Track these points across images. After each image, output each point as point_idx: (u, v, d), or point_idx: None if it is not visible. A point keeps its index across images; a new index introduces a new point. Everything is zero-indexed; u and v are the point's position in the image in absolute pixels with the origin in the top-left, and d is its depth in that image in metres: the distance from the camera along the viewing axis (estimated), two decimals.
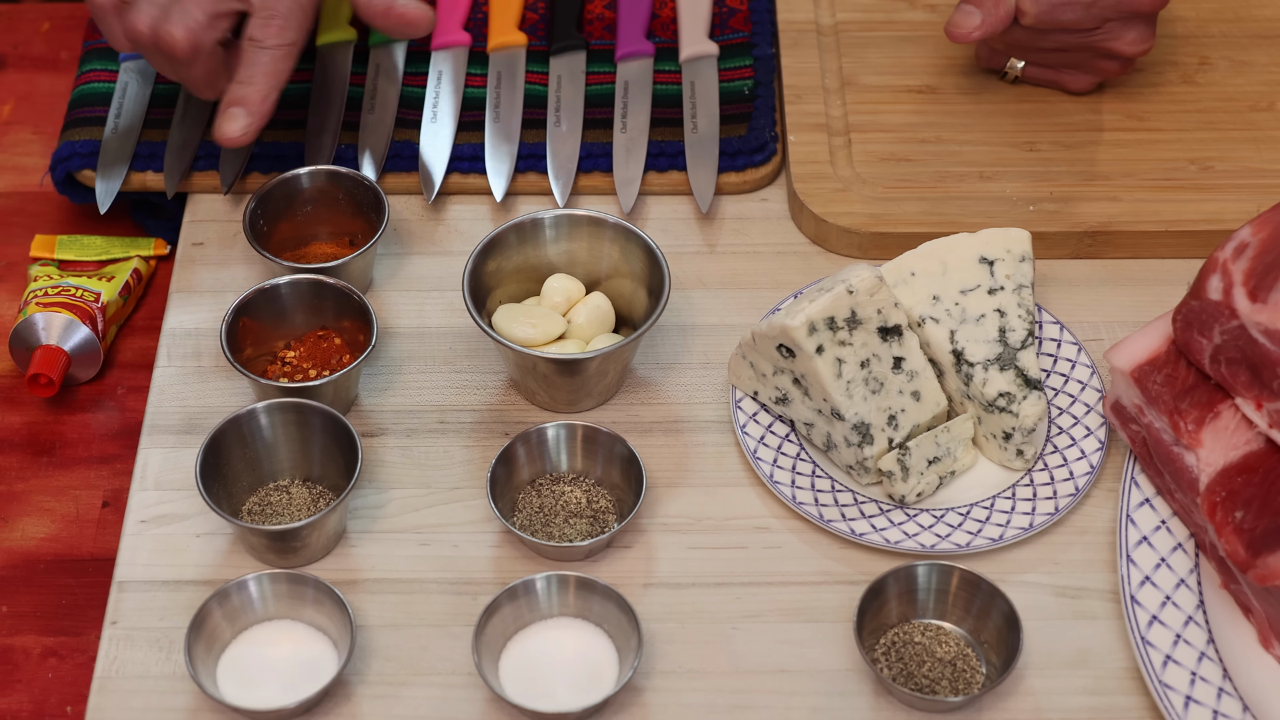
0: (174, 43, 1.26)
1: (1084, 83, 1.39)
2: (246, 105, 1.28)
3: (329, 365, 1.25)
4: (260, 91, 1.28)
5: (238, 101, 1.28)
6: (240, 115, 1.28)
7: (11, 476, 1.27)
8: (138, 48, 1.29)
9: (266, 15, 1.28)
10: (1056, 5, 1.32)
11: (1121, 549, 1.17)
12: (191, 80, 1.30)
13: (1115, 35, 1.34)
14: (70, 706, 1.17)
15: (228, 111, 1.28)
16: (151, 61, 1.31)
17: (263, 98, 1.28)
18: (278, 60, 1.29)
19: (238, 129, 1.28)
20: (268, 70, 1.28)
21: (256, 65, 1.28)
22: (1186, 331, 1.17)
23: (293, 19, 1.29)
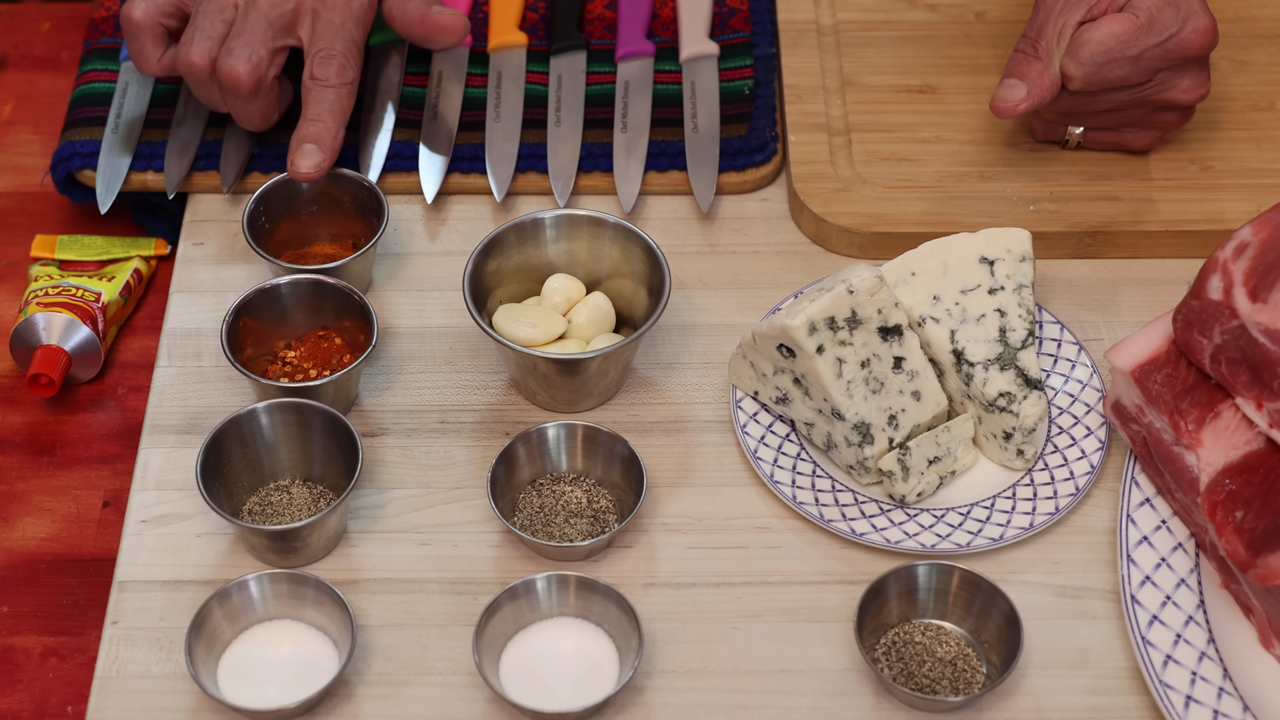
0: (238, 78, 1.31)
1: (1147, 140, 1.35)
2: (320, 142, 1.32)
3: (329, 365, 1.25)
4: (331, 129, 1.32)
5: (312, 139, 1.32)
6: (315, 152, 1.31)
7: (12, 476, 1.27)
8: (189, 79, 1.33)
9: (326, 55, 1.33)
10: (1103, 64, 1.27)
11: (1122, 549, 1.17)
12: (248, 113, 1.34)
13: (1169, 85, 1.30)
14: (71, 706, 1.17)
15: (302, 148, 1.32)
16: (199, 93, 1.34)
17: (334, 135, 1.32)
18: (342, 98, 1.33)
19: (313, 165, 1.31)
20: (334, 108, 1.33)
21: (324, 103, 1.33)
22: (1187, 331, 1.17)
23: (351, 57, 1.34)
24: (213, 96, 1.34)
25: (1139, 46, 1.27)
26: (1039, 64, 1.28)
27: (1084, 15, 1.28)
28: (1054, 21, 1.28)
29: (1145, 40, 1.27)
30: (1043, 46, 1.28)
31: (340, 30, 1.33)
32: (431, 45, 1.40)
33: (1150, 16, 1.27)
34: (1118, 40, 1.27)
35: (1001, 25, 1.46)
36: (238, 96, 1.32)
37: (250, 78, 1.31)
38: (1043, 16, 1.29)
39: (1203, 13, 1.28)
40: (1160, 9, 1.27)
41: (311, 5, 1.33)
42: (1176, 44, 1.27)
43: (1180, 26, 1.27)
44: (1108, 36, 1.27)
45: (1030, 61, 1.28)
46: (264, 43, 1.32)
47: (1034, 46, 1.29)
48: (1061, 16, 1.28)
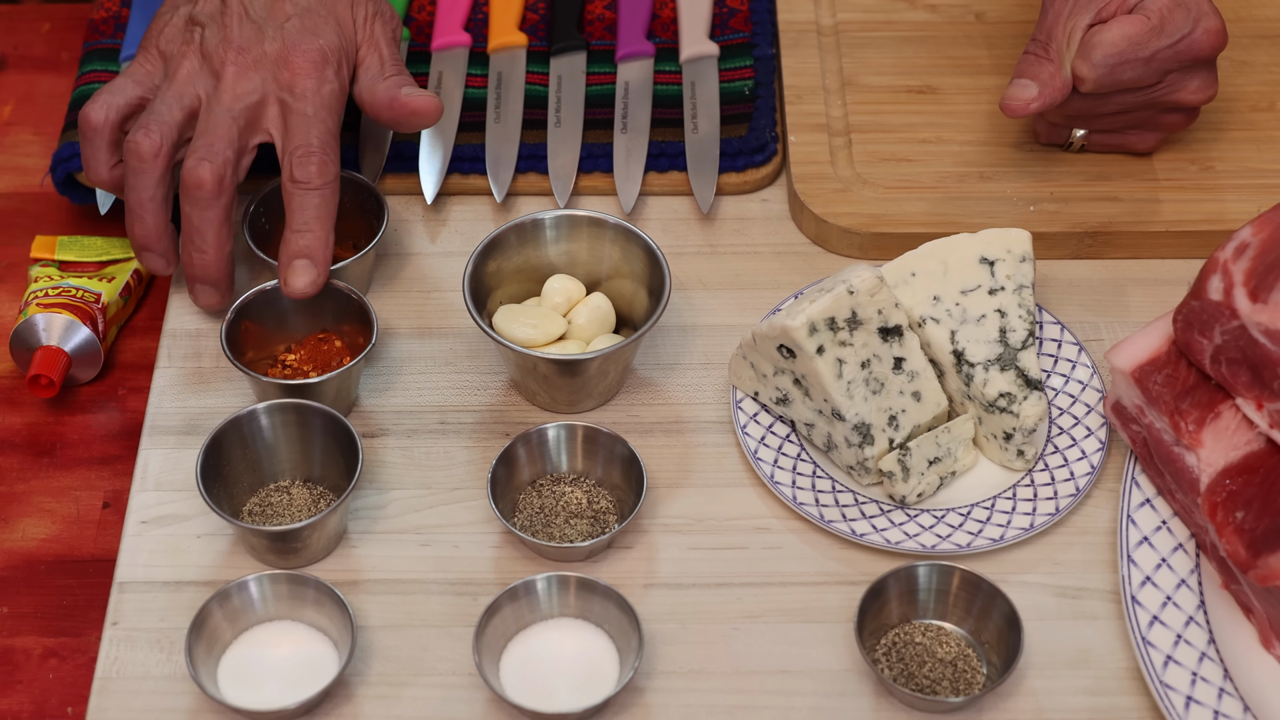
0: (201, 182, 1.23)
1: (1151, 141, 1.35)
2: (313, 256, 1.24)
3: (329, 368, 1.25)
4: (321, 238, 1.24)
5: (302, 253, 1.24)
6: (309, 268, 1.24)
7: (12, 477, 1.27)
8: (134, 167, 1.23)
9: (304, 154, 1.25)
10: (1115, 66, 1.27)
11: (1122, 549, 1.17)
12: (201, 220, 1.24)
13: (1178, 87, 1.30)
14: (71, 707, 1.17)
15: (294, 265, 1.23)
16: (137, 184, 1.24)
17: (325, 243, 1.24)
18: (327, 200, 1.25)
19: (308, 282, 1.23)
20: (321, 213, 1.25)
21: (309, 210, 1.24)
22: (1187, 332, 1.17)
23: (329, 151, 1.25)
24: (156, 192, 1.24)
25: (1151, 48, 1.27)
26: (1050, 65, 1.28)
27: (1094, 17, 1.28)
28: (1064, 24, 1.28)
29: (1157, 42, 1.27)
30: (1053, 48, 1.28)
31: (314, 122, 1.25)
32: (403, 129, 1.31)
33: (1161, 18, 1.27)
34: (1130, 42, 1.27)
35: (1001, 25, 1.46)
36: (196, 203, 1.23)
37: (214, 181, 1.23)
38: (1052, 19, 1.29)
39: (1213, 14, 1.28)
40: (1171, 10, 1.27)
41: (278, 96, 1.26)
42: (1188, 45, 1.27)
43: (1191, 28, 1.27)
44: (1120, 38, 1.27)
45: (1041, 63, 1.28)
46: (230, 143, 1.24)
47: (1044, 48, 1.28)
48: (1071, 19, 1.28)
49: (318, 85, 1.26)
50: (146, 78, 1.27)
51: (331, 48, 1.27)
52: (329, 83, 1.26)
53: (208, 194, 1.23)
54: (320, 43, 1.26)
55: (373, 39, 1.30)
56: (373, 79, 1.29)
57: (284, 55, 1.26)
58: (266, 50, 1.26)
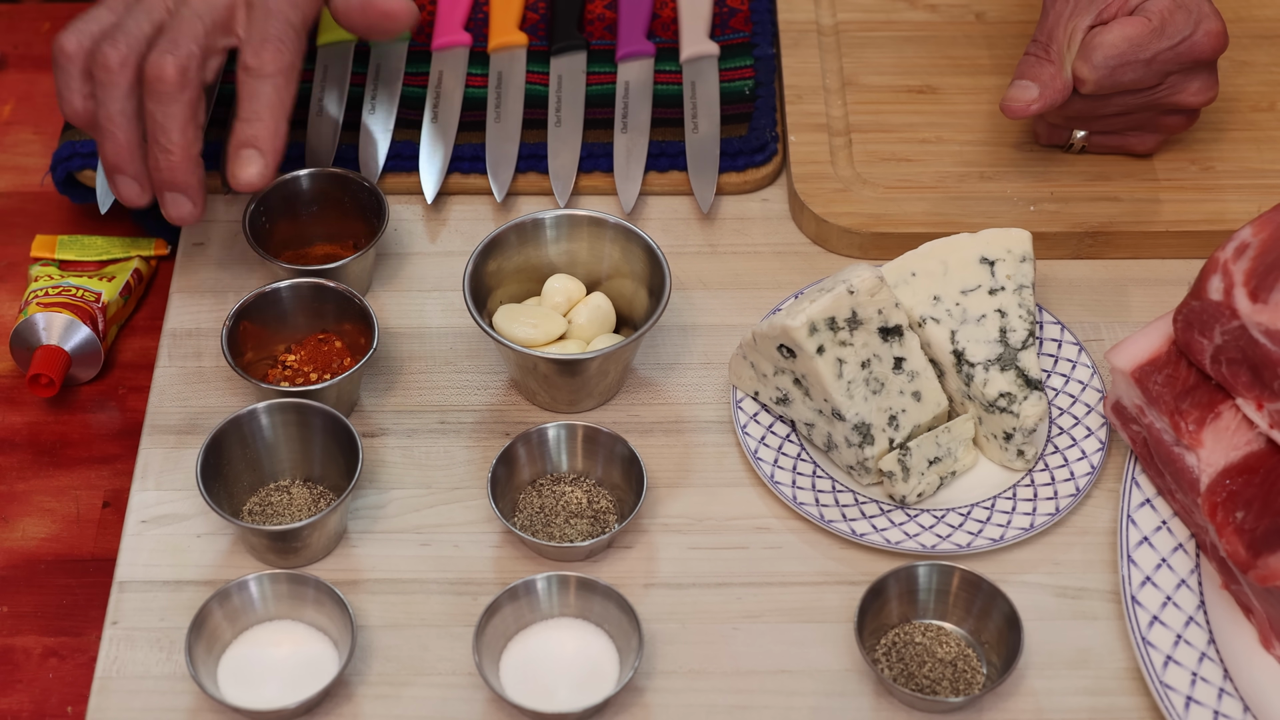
0: (163, 74, 1.17)
1: (1152, 143, 1.35)
2: (259, 144, 1.19)
3: (330, 368, 1.25)
4: (270, 127, 1.19)
5: (249, 142, 1.19)
6: (255, 157, 1.19)
7: (12, 476, 1.27)
8: (102, 81, 1.18)
9: (259, 40, 1.20)
10: (1116, 68, 1.27)
11: (1122, 549, 1.17)
12: (166, 119, 1.18)
13: (1179, 88, 1.30)
14: (71, 707, 1.17)
15: (240, 154, 1.19)
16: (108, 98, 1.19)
17: (273, 132, 1.20)
18: (280, 89, 1.20)
19: (254, 172, 1.19)
20: (271, 101, 1.19)
21: (260, 98, 1.19)
22: (1187, 332, 1.17)
23: (287, 40, 1.20)
24: (125, 105, 1.19)
25: (1152, 50, 1.27)
26: (1051, 66, 1.28)
27: (1094, 19, 1.28)
28: (1064, 25, 1.28)
29: (1158, 43, 1.27)
30: (1054, 49, 1.28)
31: (274, 14, 1.21)
32: (376, 36, 1.27)
33: (1162, 20, 1.27)
34: (1130, 43, 1.26)
35: (1001, 25, 1.46)
36: (159, 98, 1.17)
37: (176, 73, 1.17)
38: (1052, 20, 1.29)
39: (1213, 16, 1.28)
40: (1172, 12, 1.27)
41: (246, 1, 1.22)
42: (1189, 47, 1.27)
43: (1192, 30, 1.27)
44: (1120, 40, 1.26)
45: (1042, 64, 1.28)
46: (195, 39, 1.18)
47: (1045, 50, 1.28)
48: (1072, 20, 1.28)
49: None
50: (120, 3, 1.22)
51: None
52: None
53: (170, 87, 1.17)
54: None
55: None
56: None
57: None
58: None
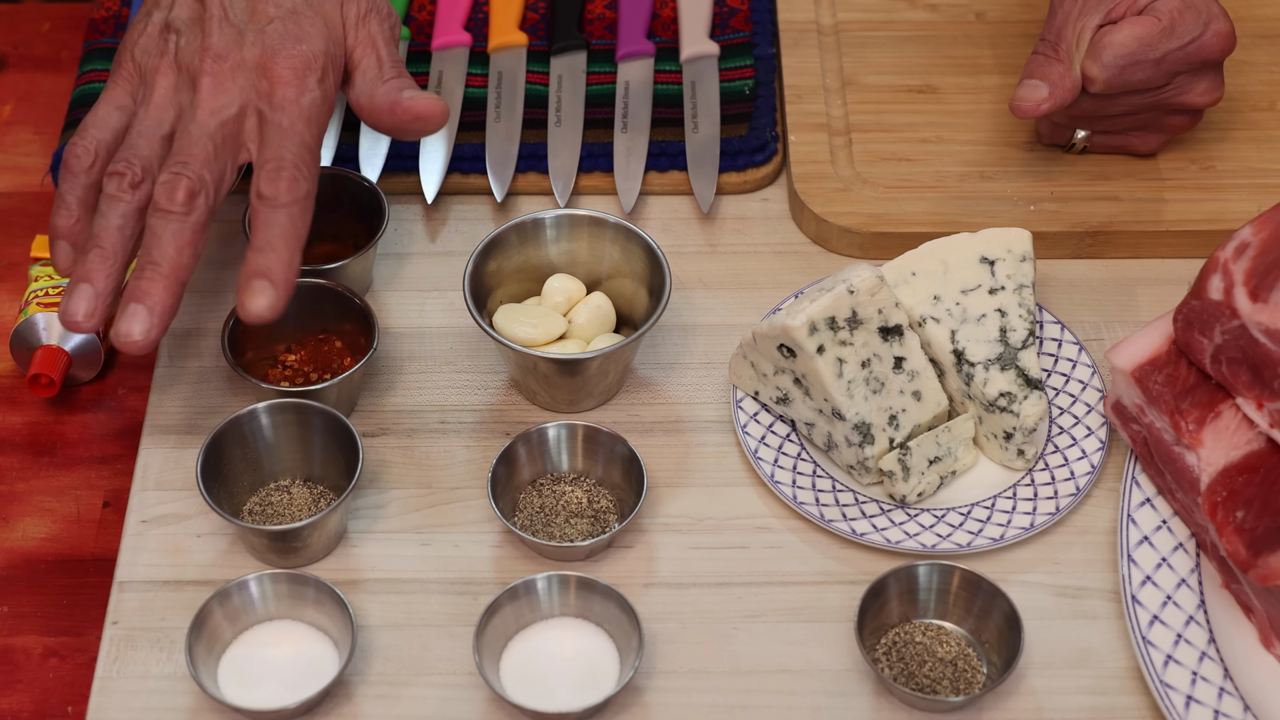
0: (172, 196, 1.14)
1: (1154, 143, 1.35)
2: (271, 276, 1.14)
3: (330, 369, 1.25)
4: (284, 259, 1.14)
5: (261, 273, 1.14)
6: (266, 289, 1.14)
7: (12, 476, 1.27)
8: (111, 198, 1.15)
9: (274, 168, 1.16)
10: (1125, 67, 1.26)
11: (1122, 549, 1.17)
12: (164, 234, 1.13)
13: (1185, 89, 1.30)
14: (71, 707, 1.17)
15: (251, 285, 1.14)
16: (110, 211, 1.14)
17: (286, 264, 1.14)
18: (295, 219, 1.15)
19: (264, 304, 1.14)
20: (286, 232, 1.15)
21: (273, 228, 1.15)
22: (1187, 331, 1.17)
23: (303, 166, 1.16)
24: (126, 223, 1.15)
25: (1161, 49, 1.27)
26: (1060, 65, 1.28)
27: (1104, 18, 1.28)
28: (1073, 24, 1.28)
29: (1167, 43, 1.27)
30: (1063, 49, 1.28)
31: (289, 134, 1.16)
32: (406, 137, 1.23)
33: (1172, 19, 1.27)
34: (1140, 43, 1.26)
35: (1002, 25, 1.46)
36: (165, 217, 1.14)
37: (186, 197, 1.14)
38: (1060, 19, 1.29)
39: (1222, 16, 1.28)
40: (1182, 12, 1.27)
41: (257, 106, 1.17)
42: (1197, 48, 1.27)
43: (1201, 30, 1.27)
44: (1130, 39, 1.26)
45: (1051, 63, 1.28)
46: (206, 162, 1.15)
47: (1054, 49, 1.28)
48: (1080, 19, 1.28)
49: (297, 95, 1.17)
50: (127, 98, 1.20)
51: (316, 53, 1.19)
52: (310, 92, 1.18)
53: (179, 209, 1.14)
54: (304, 48, 1.18)
55: (369, 39, 1.23)
56: (370, 82, 1.22)
57: (264, 62, 1.18)
58: (245, 56, 1.18)
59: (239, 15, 1.19)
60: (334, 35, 1.21)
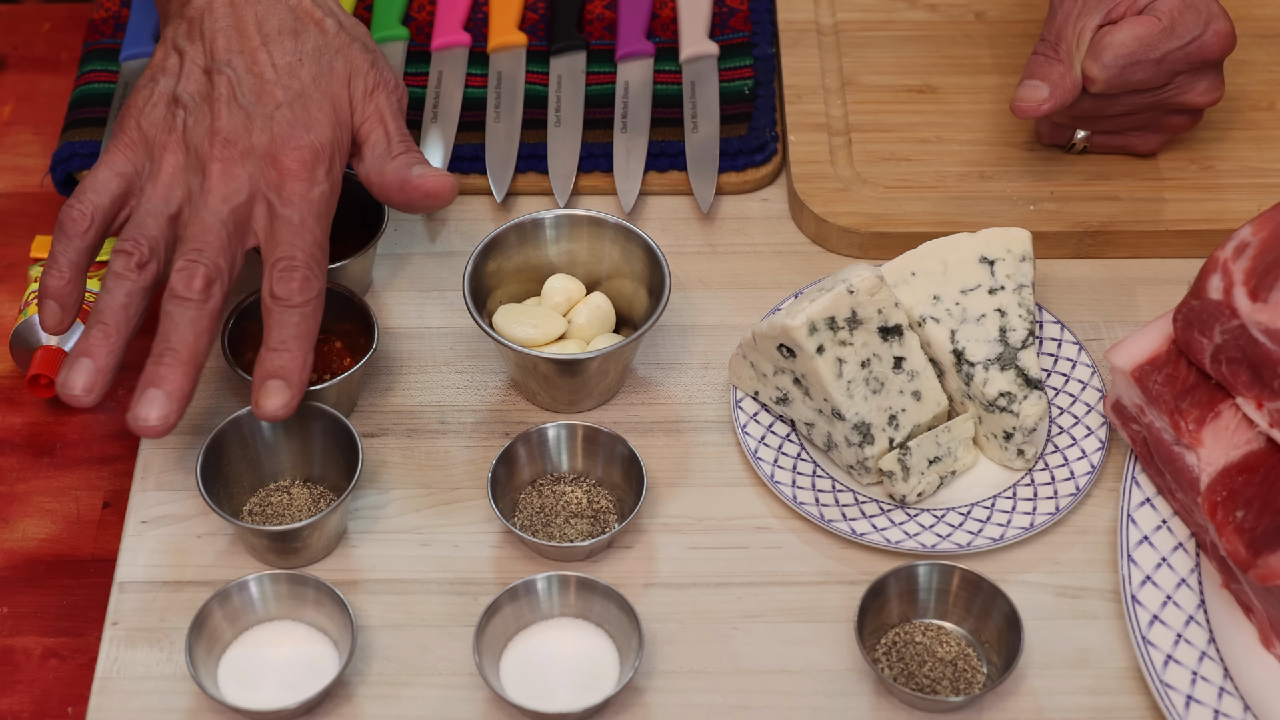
0: (190, 284, 1.15)
1: (1154, 143, 1.35)
2: (288, 377, 1.15)
3: (329, 369, 1.25)
4: (299, 359, 1.16)
5: (277, 373, 1.15)
6: (282, 389, 1.15)
7: (12, 477, 1.27)
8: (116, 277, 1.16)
9: (286, 268, 1.16)
10: (1125, 67, 1.26)
11: (1122, 548, 1.17)
12: (182, 321, 1.15)
13: (1186, 88, 1.30)
14: (71, 707, 1.17)
15: (266, 385, 1.15)
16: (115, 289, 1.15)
17: (301, 365, 1.16)
18: (308, 318, 1.16)
19: (280, 404, 1.15)
20: (300, 331, 1.16)
21: (287, 328, 1.16)
22: (1187, 331, 1.17)
23: (315, 266, 1.17)
24: (130, 301, 1.16)
25: (1161, 49, 1.27)
26: (1060, 66, 1.27)
27: (1104, 18, 1.28)
28: (1073, 24, 1.28)
29: (1168, 43, 1.27)
30: (1063, 49, 1.28)
31: (300, 231, 1.17)
32: (416, 212, 1.24)
33: (1172, 19, 1.27)
34: (1140, 43, 1.26)
35: (1002, 25, 1.46)
36: (183, 305, 1.15)
37: (204, 285, 1.15)
38: (1061, 19, 1.29)
39: (1222, 16, 1.28)
40: (1182, 12, 1.27)
41: (265, 195, 1.18)
42: (1198, 47, 1.27)
43: (1202, 30, 1.27)
44: (1130, 39, 1.26)
45: (1052, 63, 1.28)
46: (220, 250, 1.16)
47: (1054, 49, 1.28)
48: (1080, 19, 1.28)
49: (307, 188, 1.18)
50: (128, 165, 1.20)
51: (324, 143, 1.19)
52: (319, 185, 1.18)
53: (197, 296, 1.15)
54: (311, 138, 1.19)
55: (377, 114, 1.23)
56: (380, 158, 1.22)
57: (272, 151, 1.18)
58: (254, 143, 1.18)
59: (247, 97, 1.20)
60: (341, 118, 1.22)
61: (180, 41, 1.22)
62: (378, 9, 1.46)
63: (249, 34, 1.21)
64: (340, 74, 1.22)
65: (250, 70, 1.20)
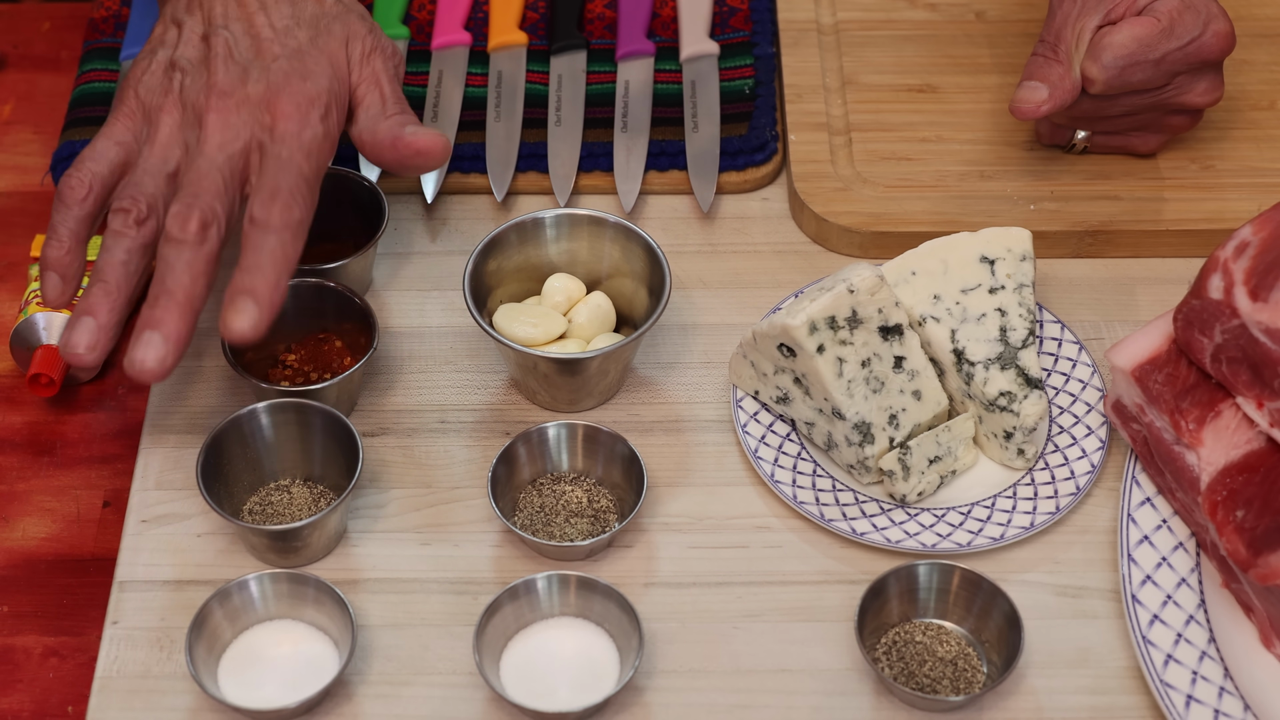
0: (185, 226, 1.14)
1: (1154, 143, 1.35)
2: (255, 296, 1.13)
3: (330, 368, 1.25)
4: (269, 280, 1.14)
5: (246, 291, 1.13)
6: (250, 308, 1.13)
7: (12, 476, 1.27)
8: (115, 234, 1.15)
9: (269, 192, 1.16)
10: (1125, 68, 1.26)
11: (1122, 548, 1.17)
12: (178, 264, 1.14)
13: (1186, 89, 1.30)
14: (71, 706, 1.17)
15: (235, 302, 1.13)
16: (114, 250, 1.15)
17: (273, 286, 1.14)
18: (285, 244, 1.15)
19: (248, 324, 1.13)
20: (275, 255, 1.14)
21: (263, 250, 1.14)
22: (1187, 330, 1.17)
23: (298, 194, 1.16)
24: (130, 258, 1.15)
25: (1160, 50, 1.27)
26: (1060, 67, 1.27)
27: (1103, 19, 1.28)
28: (1072, 25, 1.28)
29: (1167, 44, 1.27)
30: (1062, 50, 1.28)
31: (287, 164, 1.17)
32: (408, 173, 1.24)
33: (1171, 20, 1.27)
34: (1139, 43, 1.26)
35: (1002, 25, 1.46)
36: (179, 247, 1.14)
37: (199, 228, 1.14)
38: (1060, 20, 1.29)
39: (1221, 16, 1.28)
40: (1181, 13, 1.27)
41: (259, 139, 1.18)
42: (1197, 48, 1.27)
43: (1201, 30, 1.27)
44: (1130, 40, 1.26)
45: (1051, 64, 1.28)
46: (217, 195, 1.15)
47: (1053, 50, 1.28)
48: (1080, 20, 1.28)
49: (299, 129, 1.18)
50: (127, 134, 1.20)
51: (320, 91, 1.19)
52: (311, 127, 1.18)
53: (192, 239, 1.14)
54: (308, 85, 1.19)
55: (372, 76, 1.23)
56: (373, 118, 1.23)
57: (268, 98, 1.18)
58: (250, 92, 1.18)
59: (244, 54, 1.20)
60: (338, 74, 1.22)
61: (179, 15, 1.23)
62: (378, 8, 1.46)
63: (247, 2, 1.22)
64: (338, 36, 1.22)
65: (247, 32, 1.21)
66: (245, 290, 1.14)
